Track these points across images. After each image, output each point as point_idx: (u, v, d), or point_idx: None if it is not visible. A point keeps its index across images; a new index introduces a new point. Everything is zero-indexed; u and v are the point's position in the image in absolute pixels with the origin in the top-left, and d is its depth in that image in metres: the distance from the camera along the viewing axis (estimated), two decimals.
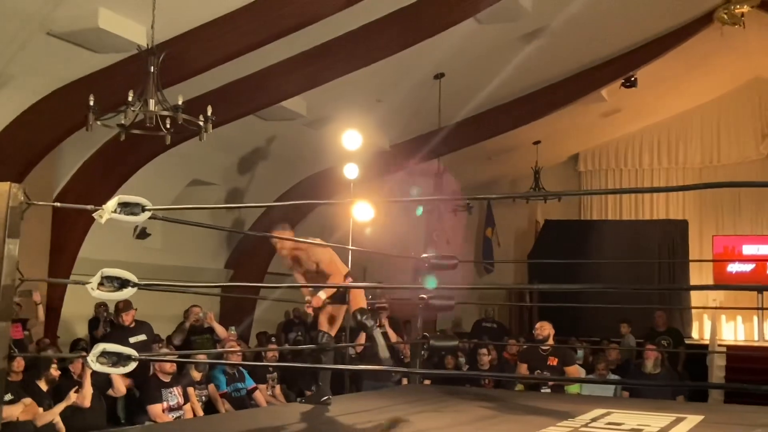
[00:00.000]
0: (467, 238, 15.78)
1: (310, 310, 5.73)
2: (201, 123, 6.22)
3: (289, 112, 9.51)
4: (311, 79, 8.82)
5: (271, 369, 7.97)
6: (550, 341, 7.75)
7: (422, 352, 7.42)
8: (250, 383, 7.76)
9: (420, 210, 12.20)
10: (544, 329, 7.81)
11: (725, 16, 10.44)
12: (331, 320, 5.74)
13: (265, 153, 10.74)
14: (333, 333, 5.75)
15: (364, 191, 10.51)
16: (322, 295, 5.53)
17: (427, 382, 7.68)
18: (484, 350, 9.09)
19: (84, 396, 6.25)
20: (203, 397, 7.24)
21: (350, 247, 7.49)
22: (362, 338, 8.21)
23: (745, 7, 10.40)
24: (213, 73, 7.75)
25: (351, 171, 8.79)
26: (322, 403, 5.48)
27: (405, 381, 7.68)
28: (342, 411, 5.44)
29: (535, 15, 9.05)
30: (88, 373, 6.24)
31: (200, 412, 6.93)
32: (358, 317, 5.56)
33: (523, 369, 7.90)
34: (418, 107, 10.82)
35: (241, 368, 7.63)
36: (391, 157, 11.83)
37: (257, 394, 7.72)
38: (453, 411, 5.66)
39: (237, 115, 8.93)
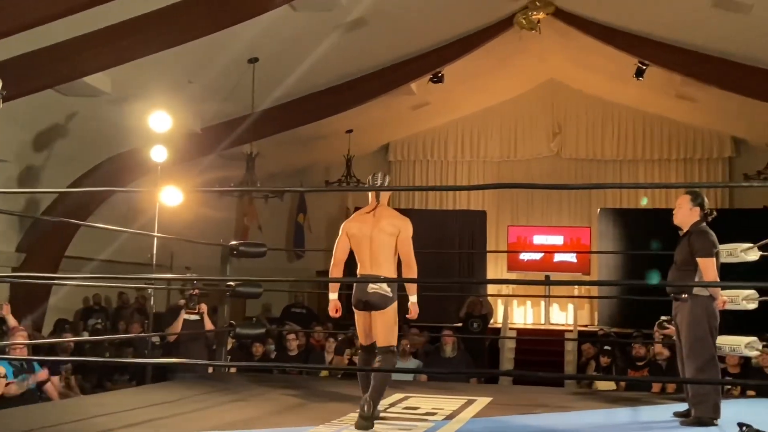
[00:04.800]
0: (279, 223, 15.78)
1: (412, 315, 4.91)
2: None
3: (92, 88, 8.99)
4: (117, 55, 8.39)
5: (64, 360, 7.55)
6: None
7: (229, 340, 7.39)
8: None
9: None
10: None
11: (523, 21, 11.14)
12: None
13: (64, 130, 10.10)
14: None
15: (173, 174, 10.20)
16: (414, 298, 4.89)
17: (233, 370, 7.64)
18: (292, 335, 9.18)
19: None
20: None
21: (155, 234, 7.27)
22: (178, 326, 8.02)
23: (541, 14, 11.15)
24: (6, 42, 7.17)
25: (159, 153, 8.52)
26: None
27: (210, 370, 7.60)
28: (142, 403, 5.30)
29: (349, 6, 9.19)
30: None
31: None
32: None
33: (337, 360, 8.18)
34: (231, 90, 10.65)
35: None
36: (202, 140, 11.56)
37: (48, 386, 7.28)
38: (259, 400, 5.69)
39: (33, 89, 8.32)
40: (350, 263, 5.12)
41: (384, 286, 4.75)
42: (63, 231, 10.86)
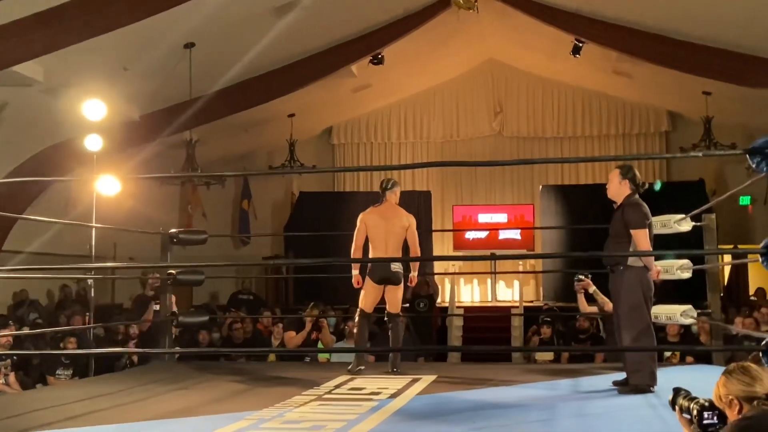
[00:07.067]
0: (223, 211, 15.62)
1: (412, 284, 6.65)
2: None
3: (23, 77, 8.73)
4: (48, 43, 8.14)
5: (2, 356, 7.38)
6: None
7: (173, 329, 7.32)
8: None
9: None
10: None
11: (461, 1, 11.10)
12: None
13: None
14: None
15: (110, 163, 10.01)
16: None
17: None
18: (238, 324, 9.14)
19: None
20: None
21: (93, 224, 7.13)
22: (149, 316, 7.98)
23: None
24: None
25: (94, 142, 8.33)
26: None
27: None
28: (83, 395, 5.22)
29: None
30: None
31: None
32: None
33: (289, 336, 8.24)
34: (168, 77, 10.45)
35: None
36: (140, 128, 11.32)
37: None
38: (202, 388, 5.65)
39: None
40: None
41: (401, 266, 6.30)
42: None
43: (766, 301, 11.89)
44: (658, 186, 6.62)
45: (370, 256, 6.35)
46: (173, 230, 6.84)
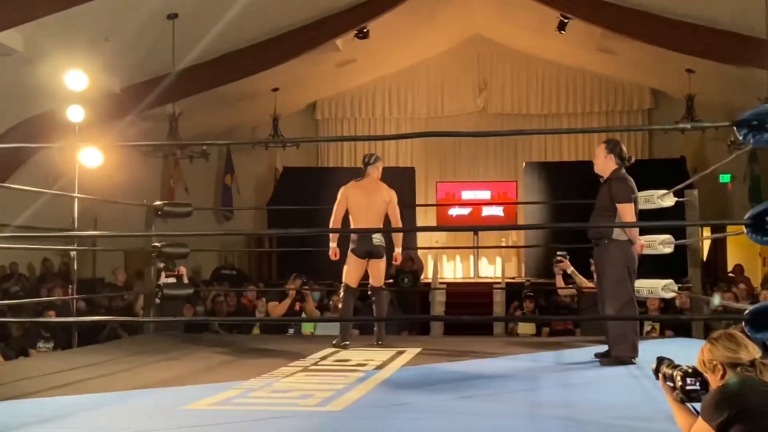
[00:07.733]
0: (206, 185, 15.54)
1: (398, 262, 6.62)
2: None
3: (2, 46, 8.60)
4: (27, 10, 8.03)
5: None
6: None
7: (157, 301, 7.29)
8: None
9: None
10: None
11: None
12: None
13: None
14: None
15: (92, 136, 9.89)
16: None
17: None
18: (222, 297, 9.13)
19: None
20: None
21: (76, 195, 7.07)
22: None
23: None
24: None
25: (75, 114, 8.22)
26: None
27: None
28: (68, 366, 5.21)
29: None
30: None
31: None
32: None
33: (272, 306, 8.29)
34: (151, 48, 10.33)
35: None
36: (122, 100, 11.20)
37: None
38: (187, 359, 5.65)
39: None
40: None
41: (383, 239, 6.30)
42: None
43: (744, 277, 12.07)
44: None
45: None
46: (158, 202, 6.80)
